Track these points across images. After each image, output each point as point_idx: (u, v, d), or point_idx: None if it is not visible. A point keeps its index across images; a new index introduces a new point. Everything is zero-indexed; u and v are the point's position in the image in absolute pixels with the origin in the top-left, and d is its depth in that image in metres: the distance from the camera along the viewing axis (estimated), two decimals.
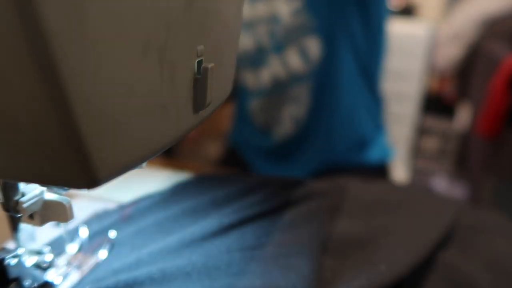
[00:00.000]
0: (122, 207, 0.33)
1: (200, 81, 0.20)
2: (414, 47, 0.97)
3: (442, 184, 1.41)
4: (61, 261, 0.26)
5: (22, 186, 0.21)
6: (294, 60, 0.62)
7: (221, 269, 0.24)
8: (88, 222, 0.31)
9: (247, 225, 0.28)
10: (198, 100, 0.20)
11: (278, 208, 0.30)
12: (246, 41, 0.64)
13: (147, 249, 0.26)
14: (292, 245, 0.27)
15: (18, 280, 0.23)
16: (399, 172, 1.06)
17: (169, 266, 0.24)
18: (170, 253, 0.25)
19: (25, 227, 0.24)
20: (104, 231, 0.29)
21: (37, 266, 0.25)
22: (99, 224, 0.30)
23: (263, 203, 0.30)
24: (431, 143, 1.58)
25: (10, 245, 0.26)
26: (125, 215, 0.31)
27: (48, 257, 0.25)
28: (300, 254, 0.26)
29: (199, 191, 0.33)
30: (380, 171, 0.73)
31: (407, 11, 1.58)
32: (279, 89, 0.64)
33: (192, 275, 0.23)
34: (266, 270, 0.24)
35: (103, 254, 0.27)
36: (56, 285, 0.24)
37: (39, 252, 0.25)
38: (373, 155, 0.72)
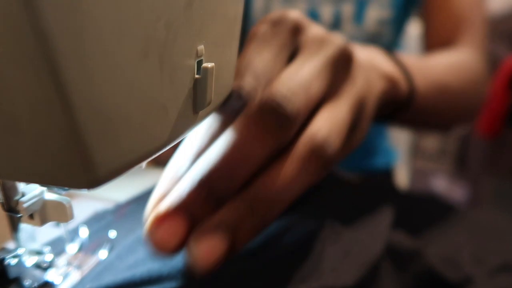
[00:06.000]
0: (118, 207, 0.34)
1: (200, 81, 0.20)
2: (415, 47, 0.97)
3: (442, 184, 1.41)
4: (61, 261, 0.26)
5: (22, 186, 0.22)
6: None
7: None
8: (87, 222, 0.31)
9: None
10: (198, 100, 0.20)
11: None
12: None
13: (143, 248, 0.26)
14: None
15: (18, 280, 0.23)
16: (400, 173, 1.05)
17: (164, 265, 0.24)
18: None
19: (25, 227, 0.24)
20: (103, 230, 0.30)
21: (37, 266, 0.25)
22: (98, 224, 0.31)
23: None
24: (431, 143, 1.58)
25: (10, 245, 0.26)
26: (120, 214, 0.32)
27: (48, 257, 0.25)
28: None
29: None
30: (386, 175, 0.73)
31: None
32: None
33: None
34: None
35: (103, 254, 0.27)
36: (56, 285, 0.24)
37: (39, 252, 0.25)
38: (378, 160, 0.72)
